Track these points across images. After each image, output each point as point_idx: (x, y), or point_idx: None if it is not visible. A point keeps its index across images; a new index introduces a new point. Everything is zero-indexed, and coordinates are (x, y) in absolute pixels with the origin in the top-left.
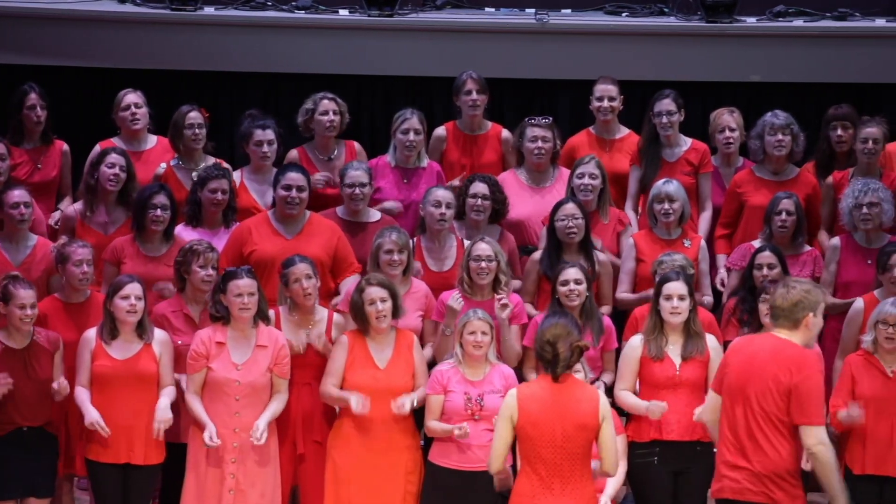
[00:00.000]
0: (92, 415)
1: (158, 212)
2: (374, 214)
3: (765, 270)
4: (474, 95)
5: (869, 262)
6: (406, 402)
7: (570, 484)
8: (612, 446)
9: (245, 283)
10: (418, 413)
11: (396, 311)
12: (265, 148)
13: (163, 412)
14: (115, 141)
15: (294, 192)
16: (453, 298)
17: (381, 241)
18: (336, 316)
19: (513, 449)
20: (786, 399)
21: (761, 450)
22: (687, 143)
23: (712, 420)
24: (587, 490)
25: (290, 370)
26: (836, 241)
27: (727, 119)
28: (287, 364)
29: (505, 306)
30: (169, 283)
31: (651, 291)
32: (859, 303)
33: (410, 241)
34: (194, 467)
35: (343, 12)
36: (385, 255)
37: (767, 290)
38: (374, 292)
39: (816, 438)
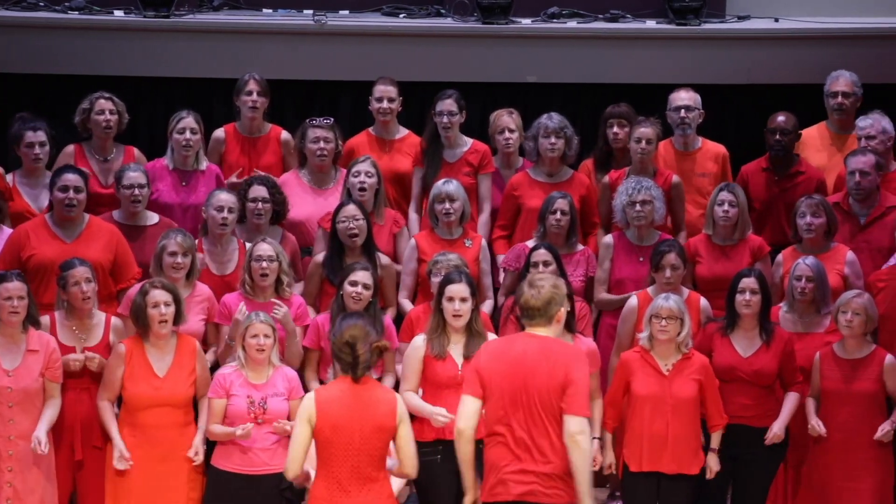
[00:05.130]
0: None
1: None
2: (152, 217)
3: (541, 268)
4: (255, 97)
5: (641, 259)
6: (200, 450)
7: (367, 486)
8: (411, 448)
9: (14, 287)
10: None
11: (179, 317)
12: (37, 150)
13: None
14: None
15: (71, 194)
16: (240, 311)
17: (166, 243)
18: (114, 320)
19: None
20: (563, 395)
21: (548, 450)
22: (468, 143)
23: (471, 427)
24: (384, 491)
25: (62, 374)
26: (608, 238)
27: (506, 120)
28: (59, 368)
29: (280, 308)
30: None
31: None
32: (633, 300)
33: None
34: None
35: (118, 13)
36: (169, 257)
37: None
38: (158, 295)
39: (580, 426)
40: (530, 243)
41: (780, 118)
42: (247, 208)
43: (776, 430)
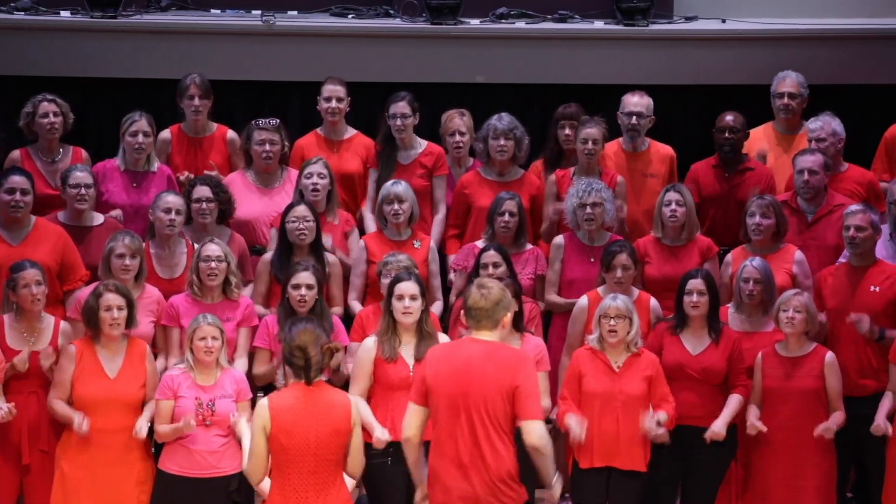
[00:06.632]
0: None
1: None
2: (98, 218)
3: (490, 269)
4: (196, 101)
5: (591, 259)
6: (143, 426)
7: (325, 490)
8: (359, 452)
9: None
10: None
11: (131, 321)
12: None
13: None
14: None
15: (18, 196)
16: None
17: (114, 245)
18: (63, 324)
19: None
20: (509, 401)
21: (490, 456)
22: (422, 145)
23: (418, 436)
24: (341, 495)
25: (2, 374)
26: (559, 239)
27: (458, 122)
28: (1, 369)
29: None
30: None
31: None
32: (584, 300)
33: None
34: None
35: (65, 14)
36: (117, 259)
37: None
38: (111, 299)
39: (538, 433)
40: (480, 243)
41: (729, 117)
42: (192, 209)
43: (716, 428)
